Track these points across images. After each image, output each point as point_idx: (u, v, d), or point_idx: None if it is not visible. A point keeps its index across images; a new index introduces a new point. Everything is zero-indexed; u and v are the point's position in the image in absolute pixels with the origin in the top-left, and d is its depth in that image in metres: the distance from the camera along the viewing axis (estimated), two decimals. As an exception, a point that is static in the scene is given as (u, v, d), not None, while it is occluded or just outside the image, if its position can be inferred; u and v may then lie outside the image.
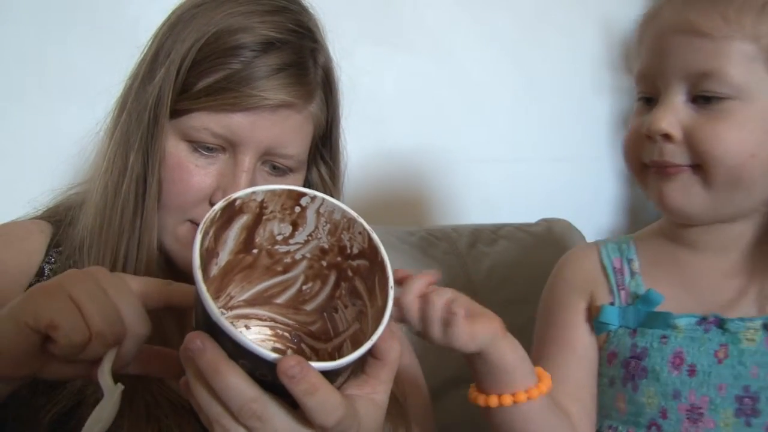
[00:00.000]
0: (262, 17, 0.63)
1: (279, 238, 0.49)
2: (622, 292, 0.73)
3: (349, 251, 0.48)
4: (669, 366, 0.67)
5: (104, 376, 0.45)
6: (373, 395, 0.45)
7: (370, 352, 0.44)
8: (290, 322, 0.52)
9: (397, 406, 0.74)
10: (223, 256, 0.47)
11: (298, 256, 0.50)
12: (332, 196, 0.73)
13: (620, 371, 0.70)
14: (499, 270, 1.15)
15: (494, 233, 1.21)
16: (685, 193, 0.65)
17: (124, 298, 0.46)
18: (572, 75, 1.51)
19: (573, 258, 0.80)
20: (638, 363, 0.68)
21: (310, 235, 0.49)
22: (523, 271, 1.17)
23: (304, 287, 0.51)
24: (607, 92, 1.54)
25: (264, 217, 0.48)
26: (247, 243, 0.48)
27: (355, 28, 1.27)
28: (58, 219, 0.70)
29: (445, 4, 1.38)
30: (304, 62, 0.64)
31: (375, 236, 0.47)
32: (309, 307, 0.51)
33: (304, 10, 0.68)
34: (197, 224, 0.63)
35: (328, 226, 0.48)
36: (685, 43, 0.63)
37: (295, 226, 0.49)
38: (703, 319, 0.67)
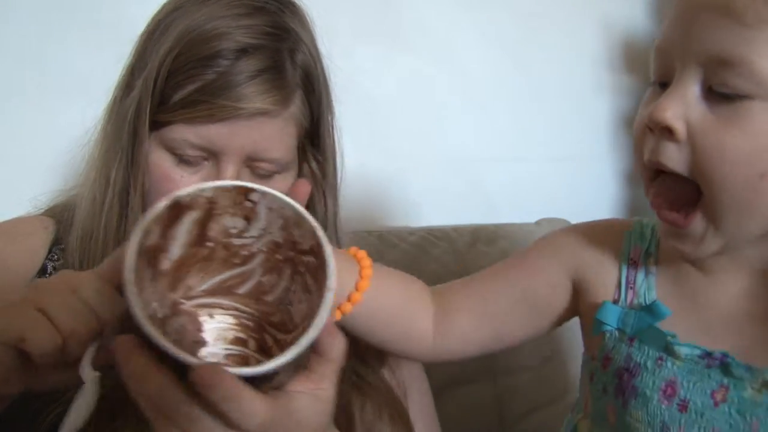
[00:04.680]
0: (238, 21, 0.61)
1: (233, 231, 0.49)
2: (630, 292, 0.63)
3: (300, 247, 0.49)
4: (660, 394, 0.58)
5: (84, 370, 0.44)
6: (316, 391, 0.44)
7: (313, 348, 0.44)
8: (253, 312, 0.52)
9: (398, 406, 0.73)
10: (175, 251, 0.47)
11: (254, 249, 0.51)
12: (325, 190, 0.72)
13: (613, 380, 0.62)
14: (499, 270, 1.15)
15: (494, 233, 1.21)
16: (697, 246, 0.56)
17: (90, 287, 0.44)
18: (572, 75, 1.51)
19: (598, 228, 0.73)
20: (630, 378, 0.60)
21: (263, 229, 0.49)
22: (523, 271, 1.17)
23: (263, 279, 0.51)
24: (607, 92, 1.54)
25: (215, 212, 0.48)
26: (201, 237, 0.49)
27: (354, 28, 1.27)
28: (61, 216, 0.70)
29: (445, 3, 1.38)
30: (279, 66, 0.63)
31: (321, 233, 0.47)
32: (269, 298, 0.52)
33: (284, 7, 0.66)
34: None
35: (280, 221, 0.49)
36: (713, 21, 0.49)
37: (248, 220, 0.49)
38: (708, 354, 0.57)
